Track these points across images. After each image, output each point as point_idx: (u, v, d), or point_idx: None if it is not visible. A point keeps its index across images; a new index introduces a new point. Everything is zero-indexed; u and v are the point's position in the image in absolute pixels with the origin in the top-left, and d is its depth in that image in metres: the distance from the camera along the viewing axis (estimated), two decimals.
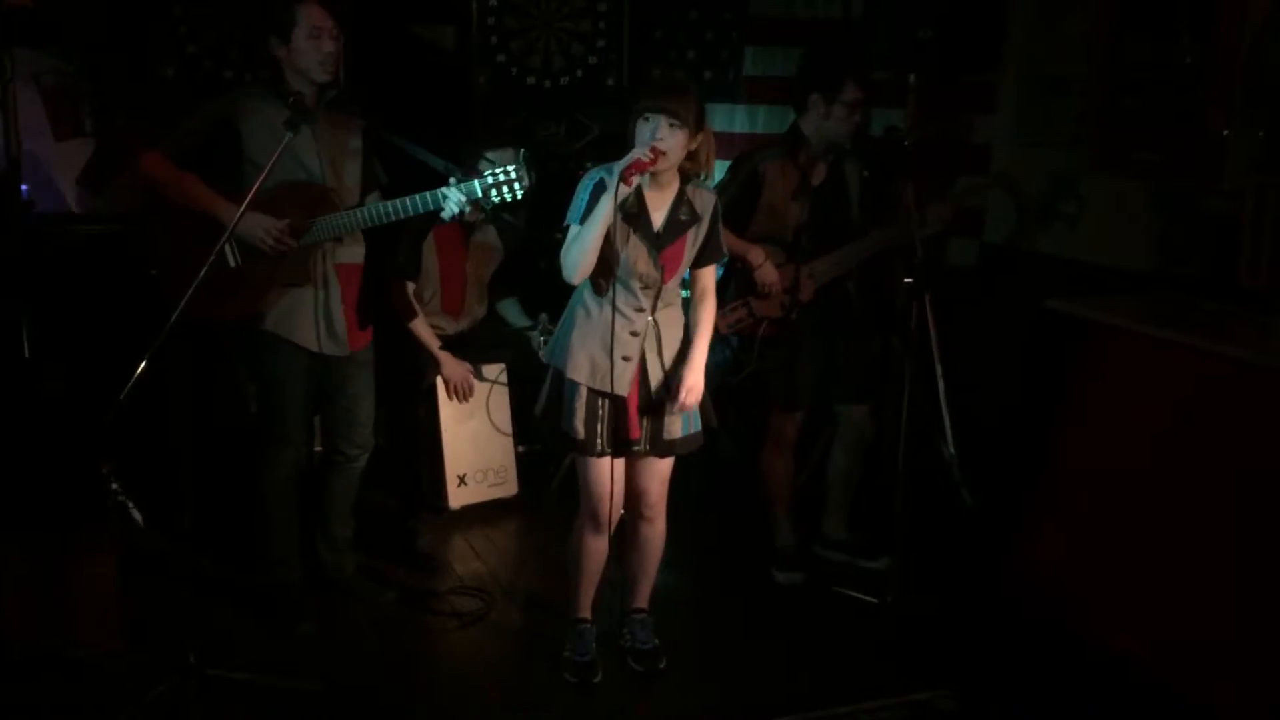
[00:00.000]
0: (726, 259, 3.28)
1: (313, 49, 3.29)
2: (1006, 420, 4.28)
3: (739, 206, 3.78)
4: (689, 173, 3.06)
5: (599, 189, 2.96)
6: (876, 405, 4.08)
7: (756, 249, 3.77)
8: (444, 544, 4.24)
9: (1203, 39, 3.75)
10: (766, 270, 3.76)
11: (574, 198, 3.04)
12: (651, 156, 2.87)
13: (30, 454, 3.35)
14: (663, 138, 2.90)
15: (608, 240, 2.95)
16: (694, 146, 2.99)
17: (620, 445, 3.12)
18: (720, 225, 3.13)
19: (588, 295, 3.09)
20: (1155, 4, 3.91)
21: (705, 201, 3.10)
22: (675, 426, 3.16)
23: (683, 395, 3.07)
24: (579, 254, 2.94)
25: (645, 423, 3.13)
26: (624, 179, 2.86)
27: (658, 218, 3.05)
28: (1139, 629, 3.33)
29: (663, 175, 3.00)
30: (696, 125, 2.96)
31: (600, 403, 3.08)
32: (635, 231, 3.01)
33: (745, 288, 3.85)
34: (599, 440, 3.09)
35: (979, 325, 4.46)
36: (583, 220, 2.96)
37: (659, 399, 3.12)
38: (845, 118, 3.70)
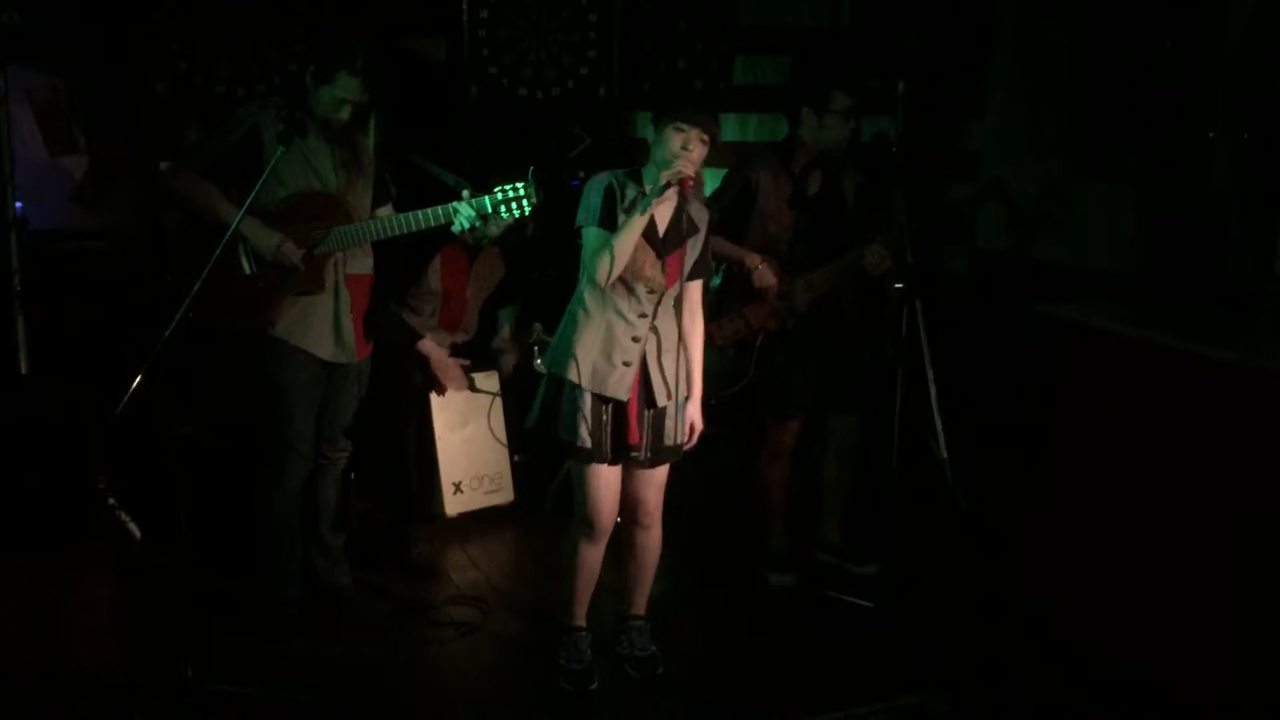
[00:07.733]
0: (717, 280, 3.29)
1: (332, 108, 3.37)
2: (999, 424, 4.29)
3: (733, 216, 3.81)
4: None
5: (609, 193, 3.05)
6: (867, 413, 4.10)
7: (752, 254, 3.80)
8: (440, 552, 4.25)
9: (1186, 43, 3.78)
10: (764, 272, 3.78)
11: (583, 200, 3.10)
12: (690, 172, 2.98)
13: (26, 469, 3.36)
14: (693, 150, 2.99)
15: None
16: None
17: (620, 452, 3.15)
18: (709, 243, 3.19)
19: (588, 298, 3.12)
20: (1139, 10, 3.94)
21: (701, 216, 3.18)
22: (674, 433, 3.19)
23: (690, 439, 3.22)
24: (617, 257, 3.00)
25: (645, 430, 3.16)
26: (682, 193, 2.97)
27: (661, 225, 3.11)
28: (1134, 633, 3.34)
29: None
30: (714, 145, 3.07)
31: (604, 409, 3.11)
32: (642, 235, 3.06)
33: (742, 298, 3.86)
34: (605, 447, 3.12)
35: (970, 330, 4.48)
36: (600, 223, 3.03)
37: (659, 407, 3.15)
38: (839, 125, 3.74)
